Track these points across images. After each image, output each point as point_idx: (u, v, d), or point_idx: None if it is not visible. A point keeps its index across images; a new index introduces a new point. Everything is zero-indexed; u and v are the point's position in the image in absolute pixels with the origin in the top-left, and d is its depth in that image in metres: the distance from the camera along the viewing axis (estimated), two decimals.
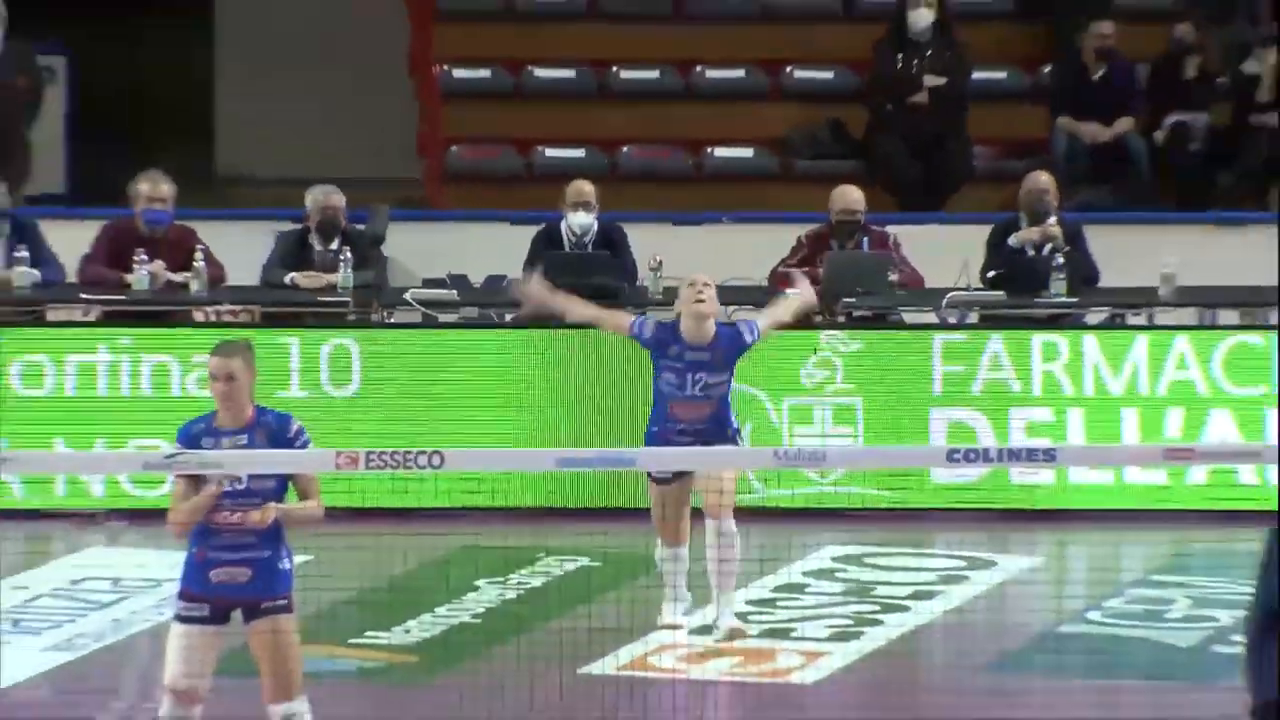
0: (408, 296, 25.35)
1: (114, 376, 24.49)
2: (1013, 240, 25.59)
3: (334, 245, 25.07)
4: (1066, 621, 22.56)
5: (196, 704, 16.73)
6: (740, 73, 28.60)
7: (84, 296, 25.20)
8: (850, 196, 25.72)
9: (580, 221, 25.27)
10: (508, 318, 25.50)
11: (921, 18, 28.07)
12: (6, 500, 23.76)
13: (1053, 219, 25.61)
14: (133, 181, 25.35)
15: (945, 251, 26.03)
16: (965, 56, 28.34)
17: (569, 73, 29.09)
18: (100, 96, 29.86)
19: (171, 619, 16.71)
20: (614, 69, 29.00)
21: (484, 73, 29.00)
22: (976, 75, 28.80)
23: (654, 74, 29.05)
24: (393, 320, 25.37)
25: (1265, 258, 25.67)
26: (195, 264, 24.99)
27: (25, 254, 24.98)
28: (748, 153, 28.56)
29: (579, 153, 27.93)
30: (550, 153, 28.19)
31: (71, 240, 25.62)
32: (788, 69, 28.21)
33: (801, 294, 21.25)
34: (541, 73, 29.11)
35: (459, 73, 28.98)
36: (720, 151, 28.48)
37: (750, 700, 20.03)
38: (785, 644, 21.26)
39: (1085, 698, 20.62)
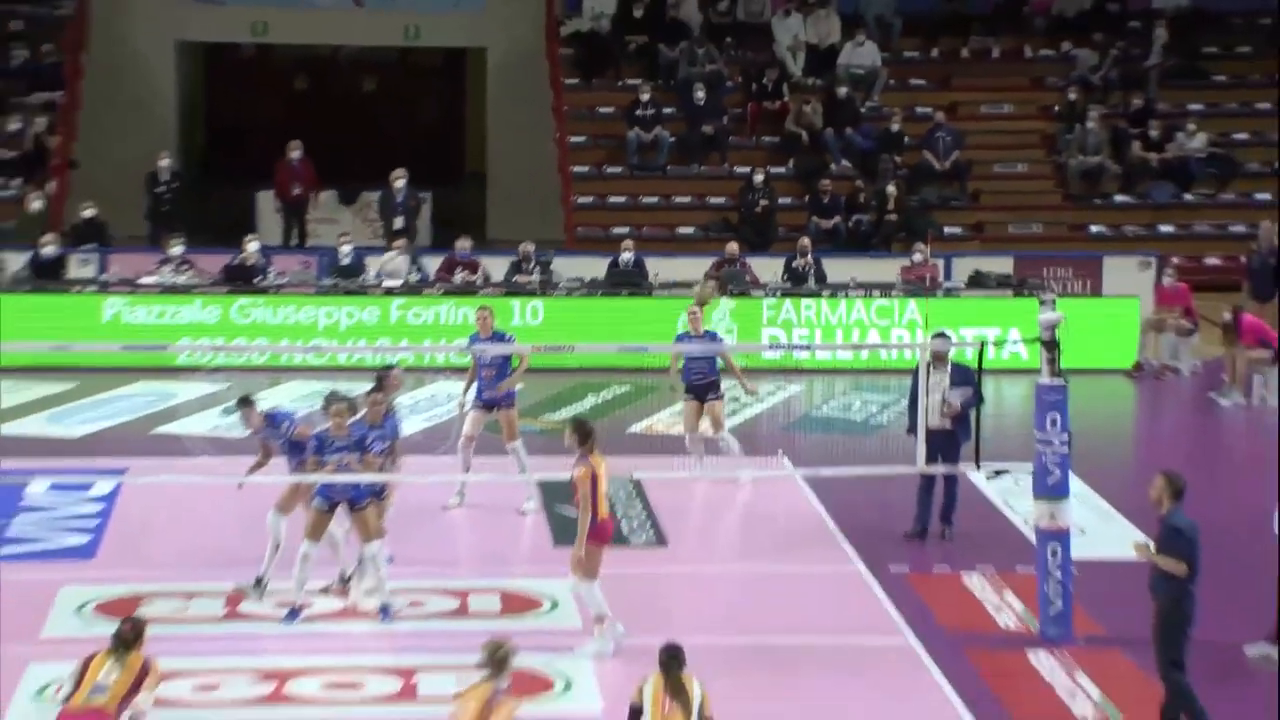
0: (560, 284, 24.83)
1: (449, 315, 23.90)
2: (795, 264, 25.12)
3: (532, 264, 24.94)
4: (810, 412, 22.49)
5: (474, 441, 16.90)
6: (688, 199, 28.01)
7: (437, 286, 24.69)
8: (731, 246, 25.41)
9: (626, 257, 25.04)
10: (601, 293, 24.86)
11: (757, 179, 27.89)
12: (406, 363, 23.07)
13: (809, 256, 25.10)
14: (456, 240, 25.21)
15: (768, 270, 25.42)
16: (775, 194, 27.99)
17: (622, 198, 28.91)
18: (443, 205, 29.54)
19: (469, 409, 16.87)
20: (639, 197, 28.75)
21: (589, 199, 28.84)
22: (780, 200, 28.21)
23: (654, 199, 28.84)
24: (553, 294, 24.54)
25: (890, 270, 25.52)
26: (478, 273, 24.93)
27: (416, 269, 24.89)
28: (691, 229, 28.30)
29: (626, 229, 27.40)
30: (615, 230, 27.76)
31: (432, 263, 25.33)
32: (708, 199, 28.04)
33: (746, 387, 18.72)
34: (613, 198, 28.91)
35: (580, 199, 28.84)
36: (681, 229, 28.27)
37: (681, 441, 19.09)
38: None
39: (817, 438, 20.57)
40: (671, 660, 10.17)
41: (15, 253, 24.63)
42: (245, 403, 15.08)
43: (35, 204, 26.14)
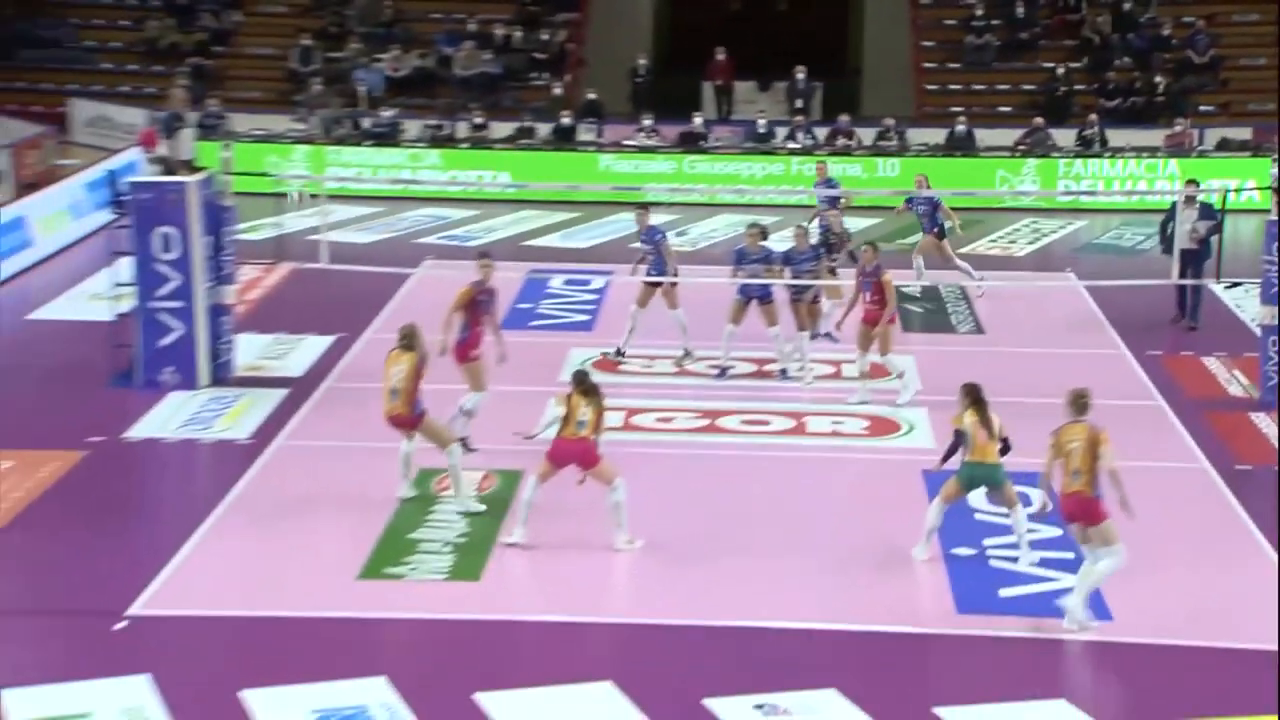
0: (911, 148, 23.68)
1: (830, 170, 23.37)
2: (1085, 133, 23.61)
3: (891, 133, 24.18)
4: (1091, 240, 21.46)
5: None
6: (1007, 86, 26.05)
7: (824, 149, 23.94)
8: (1038, 120, 23.84)
9: (960, 129, 24.00)
10: (940, 154, 23.58)
11: (1059, 71, 26.28)
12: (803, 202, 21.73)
13: (1096, 127, 23.42)
14: (839, 116, 24.35)
15: (1065, 138, 23.79)
16: (1072, 81, 26.01)
17: (959, 85, 27.47)
18: (830, 91, 28.14)
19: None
20: (971, 85, 27.07)
21: (935, 86, 27.59)
22: (1075, 86, 26.27)
23: (982, 86, 27.09)
24: (906, 155, 23.35)
25: (1156, 138, 23.63)
26: (853, 139, 24.04)
27: (811, 136, 24.16)
28: (1008, 108, 26.50)
29: (960, 109, 25.79)
30: (952, 108, 26.15)
31: (821, 132, 24.54)
32: (1022, 85, 26.08)
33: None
34: (952, 85, 27.46)
35: (928, 86, 27.73)
36: (1000, 108, 26.18)
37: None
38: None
39: (1096, 258, 19.66)
40: (979, 397, 10.03)
41: (543, 123, 25.39)
42: (642, 206, 15.09)
43: (557, 90, 26.81)
